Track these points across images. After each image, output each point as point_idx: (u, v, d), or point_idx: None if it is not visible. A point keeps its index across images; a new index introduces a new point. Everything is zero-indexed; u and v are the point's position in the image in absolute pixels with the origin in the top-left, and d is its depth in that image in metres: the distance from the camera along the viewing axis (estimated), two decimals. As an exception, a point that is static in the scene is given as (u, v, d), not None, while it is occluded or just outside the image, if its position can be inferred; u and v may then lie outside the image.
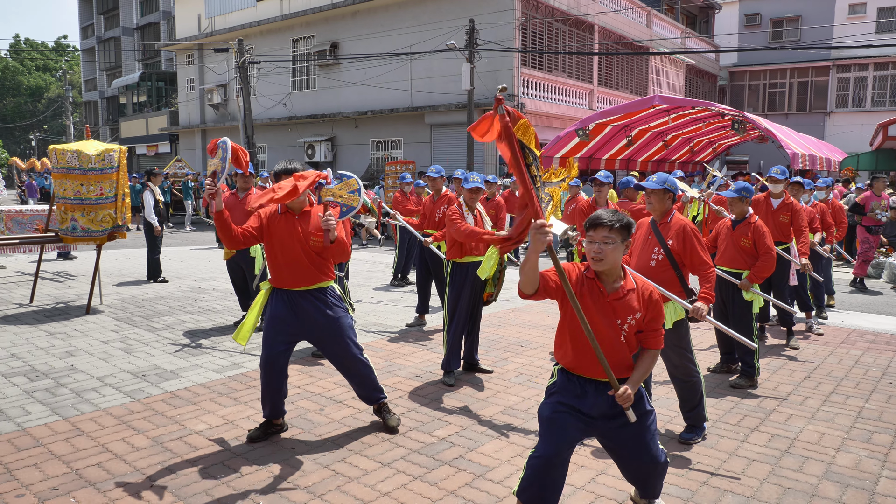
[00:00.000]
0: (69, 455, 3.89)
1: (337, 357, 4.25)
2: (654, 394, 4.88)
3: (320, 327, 4.15)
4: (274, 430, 4.28)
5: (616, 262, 2.90)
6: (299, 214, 4.16)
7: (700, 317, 4.10)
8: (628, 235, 2.92)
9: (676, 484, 3.67)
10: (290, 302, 4.13)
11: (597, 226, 2.88)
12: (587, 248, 2.93)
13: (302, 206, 4.17)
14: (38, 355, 5.94)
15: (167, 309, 8.04)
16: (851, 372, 5.84)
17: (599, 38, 22.50)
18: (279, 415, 4.27)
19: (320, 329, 4.16)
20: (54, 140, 56.41)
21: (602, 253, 2.86)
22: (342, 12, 22.36)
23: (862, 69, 28.40)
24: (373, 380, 4.35)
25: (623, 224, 2.89)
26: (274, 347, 4.14)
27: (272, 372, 4.14)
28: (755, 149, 26.65)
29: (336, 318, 4.18)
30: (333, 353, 4.24)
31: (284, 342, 4.17)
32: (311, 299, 4.12)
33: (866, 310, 8.76)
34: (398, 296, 9.24)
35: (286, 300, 4.14)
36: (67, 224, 7.64)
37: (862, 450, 4.16)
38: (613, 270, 2.92)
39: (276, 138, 25.44)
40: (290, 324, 4.14)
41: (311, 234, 4.12)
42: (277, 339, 4.14)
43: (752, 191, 5.57)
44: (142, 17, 40.52)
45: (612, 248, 2.86)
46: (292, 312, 4.13)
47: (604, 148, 18.96)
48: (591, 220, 2.92)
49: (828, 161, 18.15)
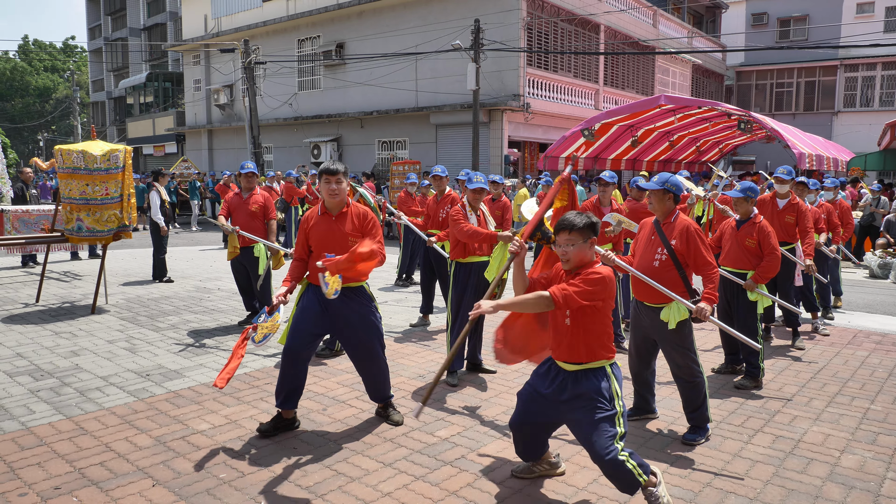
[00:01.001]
0: (72, 454, 3.91)
1: (359, 355, 4.36)
2: (658, 395, 4.86)
3: (350, 325, 4.24)
4: (284, 424, 4.30)
5: (583, 260, 3.21)
6: (336, 215, 4.24)
7: (703, 317, 4.08)
8: (592, 233, 3.20)
9: (679, 485, 3.65)
10: (322, 298, 4.16)
11: (560, 230, 3.21)
12: (556, 250, 3.27)
13: (340, 208, 4.26)
14: (43, 355, 5.96)
15: (172, 309, 8.06)
16: (857, 373, 5.81)
17: (605, 37, 22.44)
18: (292, 406, 4.29)
19: (349, 326, 4.24)
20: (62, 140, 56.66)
21: (567, 254, 3.20)
22: (348, 13, 22.39)
23: (870, 68, 28.24)
24: (387, 379, 4.48)
25: (584, 225, 3.17)
26: (299, 338, 4.19)
27: (293, 362, 4.20)
28: (762, 149, 26.54)
29: (366, 318, 4.28)
30: (356, 351, 4.35)
31: (311, 334, 4.23)
32: (342, 297, 4.14)
33: (873, 310, 8.71)
34: (402, 296, 9.24)
35: (319, 295, 4.19)
36: (73, 224, 7.67)
37: (867, 451, 4.13)
38: (580, 265, 3.23)
39: (282, 138, 25.49)
40: (320, 318, 4.22)
41: (347, 234, 4.21)
42: (305, 331, 4.20)
43: (758, 191, 5.54)
44: (149, 17, 40.64)
45: (576, 249, 3.18)
46: (323, 307, 4.20)
47: (609, 148, 18.91)
48: (557, 224, 3.22)
49: (835, 161, 18.04)
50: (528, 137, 20.69)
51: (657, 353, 4.56)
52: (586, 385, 3.20)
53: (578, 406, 3.19)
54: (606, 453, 3.07)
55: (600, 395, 3.18)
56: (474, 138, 18.27)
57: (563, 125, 20.61)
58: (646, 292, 4.31)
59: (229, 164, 27.25)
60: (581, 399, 3.19)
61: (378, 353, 4.36)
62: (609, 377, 3.26)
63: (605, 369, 3.26)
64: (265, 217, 7.05)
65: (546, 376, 3.36)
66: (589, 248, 3.18)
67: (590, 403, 3.17)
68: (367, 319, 4.29)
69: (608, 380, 3.24)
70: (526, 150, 21.30)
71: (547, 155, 17.39)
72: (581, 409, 3.18)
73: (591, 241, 3.19)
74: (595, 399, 3.17)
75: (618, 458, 3.07)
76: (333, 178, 4.14)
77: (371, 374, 4.42)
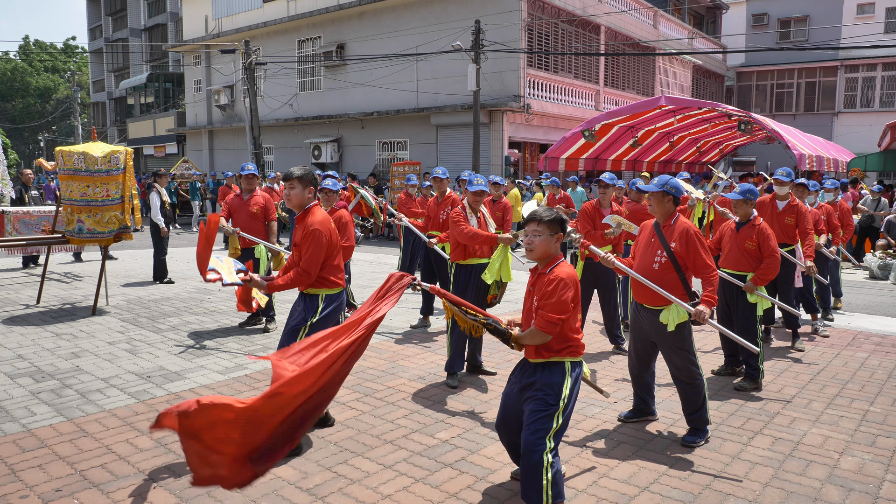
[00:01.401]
0: (73, 456, 3.92)
1: None
2: (658, 396, 4.87)
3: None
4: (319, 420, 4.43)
5: (546, 252, 3.32)
6: (297, 218, 4.27)
7: (702, 320, 4.09)
8: (559, 229, 3.31)
9: (679, 487, 3.66)
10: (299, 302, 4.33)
11: (529, 220, 3.33)
12: (523, 239, 3.40)
13: (300, 211, 4.26)
14: (43, 356, 5.97)
15: (173, 310, 8.08)
16: (857, 374, 5.81)
17: (606, 38, 22.45)
18: None
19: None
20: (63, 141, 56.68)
21: (532, 244, 3.32)
22: (348, 13, 22.41)
23: (870, 69, 28.24)
24: None
25: (551, 219, 3.29)
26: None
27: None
28: (762, 149, 26.56)
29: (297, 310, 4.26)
30: None
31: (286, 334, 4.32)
32: (303, 301, 4.28)
33: (873, 312, 8.72)
34: (402, 297, 9.25)
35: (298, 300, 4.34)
36: (74, 225, 7.69)
37: (866, 453, 4.14)
38: (544, 259, 3.34)
39: (283, 139, 25.51)
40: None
41: (297, 244, 4.22)
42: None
43: (757, 193, 5.55)
44: (149, 18, 40.67)
45: (541, 239, 3.29)
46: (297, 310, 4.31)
47: (610, 149, 18.92)
48: (528, 216, 3.35)
49: (835, 162, 18.05)
50: (529, 138, 20.70)
51: (656, 355, 4.57)
52: (541, 375, 3.28)
53: (529, 395, 3.28)
54: (539, 455, 3.10)
55: (551, 388, 3.23)
56: (475, 139, 18.28)
57: (563, 126, 20.63)
58: (645, 294, 4.32)
59: (230, 164, 27.27)
60: (532, 388, 3.28)
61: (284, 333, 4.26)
62: (566, 374, 3.28)
63: (565, 366, 3.30)
64: (266, 218, 7.06)
65: (517, 371, 3.46)
66: (554, 242, 3.31)
67: (537, 393, 3.24)
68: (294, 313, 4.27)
69: (563, 376, 3.27)
70: (526, 151, 21.31)
71: (547, 156, 17.41)
72: (530, 398, 3.26)
73: (557, 237, 3.31)
74: (543, 390, 3.24)
75: (541, 459, 3.10)
76: (287, 182, 4.17)
77: None
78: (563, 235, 3.35)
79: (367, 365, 5.87)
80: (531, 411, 3.22)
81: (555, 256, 3.34)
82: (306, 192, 4.19)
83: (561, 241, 3.36)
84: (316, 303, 4.23)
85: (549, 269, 3.31)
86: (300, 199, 4.19)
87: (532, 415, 3.20)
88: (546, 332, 3.20)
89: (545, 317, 3.19)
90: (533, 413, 3.20)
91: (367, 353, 6.24)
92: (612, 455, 4.07)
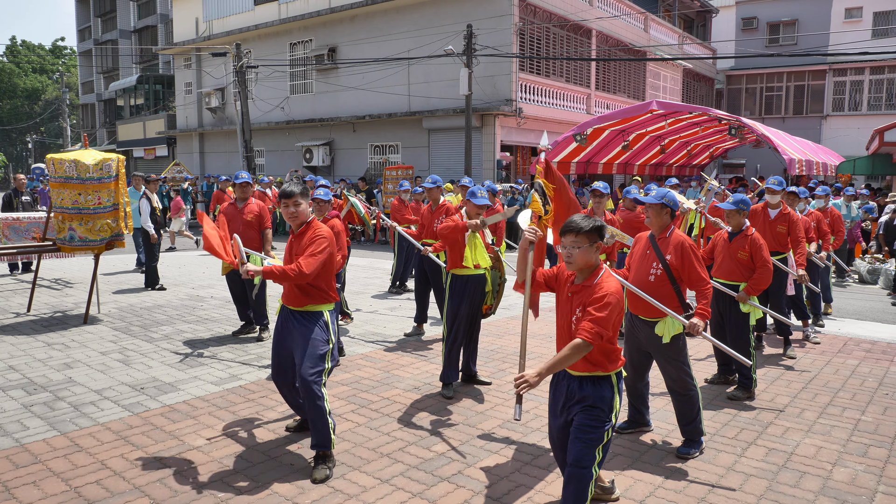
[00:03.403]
0: (68, 472, 3.89)
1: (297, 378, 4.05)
2: (652, 406, 4.90)
3: (296, 350, 4.04)
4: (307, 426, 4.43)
5: (587, 262, 3.20)
6: (296, 234, 4.15)
7: (696, 332, 4.13)
8: (598, 237, 3.19)
9: (675, 501, 3.68)
10: (286, 319, 4.15)
11: (566, 232, 3.20)
12: (561, 251, 3.25)
13: (300, 225, 4.14)
14: (35, 367, 5.93)
15: (165, 318, 8.04)
16: (848, 382, 5.87)
17: (597, 42, 22.54)
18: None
19: (296, 351, 4.04)
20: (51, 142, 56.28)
21: (571, 256, 3.19)
22: (340, 17, 22.39)
23: (858, 73, 28.50)
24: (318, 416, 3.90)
25: (590, 228, 3.17)
26: (274, 361, 4.24)
27: (280, 386, 4.30)
28: (752, 152, 26.73)
29: (306, 336, 3.99)
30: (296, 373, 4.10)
31: (286, 357, 4.17)
32: (299, 320, 4.07)
33: (863, 317, 8.79)
34: (396, 303, 9.25)
35: (285, 317, 4.17)
36: (65, 233, 7.64)
37: (858, 464, 4.18)
38: (586, 269, 3.22)
39: (274, 142, 25.44)
40: (286, 340, 4.15)
41: (298, 253, 4.07)
42: (277, 354, 4.22)
43: (749, 203, 5.59)
44: (139, 20, 40.46)
45: (581, 251, 3.17)
46: (287, 329, 4.13)
47: (601, 152, 18.99)
48: (563, 227, 3.22)
49: (824, 165, 18.20)
50: (521, 142, 20.75)
51: (651, 366, 4.60)
52: (591, 390, 3.19)
53: (578, 410, 3.20)
54: (588, 470, 3.09)
55: (603, 402, 3.17)
56: (467, 143, 18.30)
57: (555, 130, 20.69)
58: (641, 306, 4.35)
59: (221, 167, 27.17)
60: (583, 402, 3.19)
61: (304, 374, 3.88)
62: (614, 388, 3.23)
63: (611, 379, 3.24)
64: (260, 226, 7.05)
65: (557, 394, 3.34)
66: (594, 251, 3.18)
67: (589, 407, 3.17)
68: (306, 337, 3.98)
69: (612, 391, 3.22)
70: (518, 155, 21.36)
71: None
72: (580, 413, 3.18)
73: (597, 246, 3.19)
74: (596, 406, 3.17)
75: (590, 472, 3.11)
76: (290, 200, 4.04)
77: (305, 402, 3.95)
78: (602, 243, 3.23)
79: (362, 375, 5.87)
80: (581, 424, 3.15)
81: (596, 267, 3.22)
82: (308, 206, 4.15)
83: (601, 249, 3.24)
84: (324, 319, 4.08)
85: (594, 280, 3.18)
86: (305, 216, 4.10)
87: (584, 429, 3.14)
88: (591, 342, 3.05)
89: (592, 329, 3.04)
90: (583, 426, 3.14)
91: (361, 363, 6.24)
92: (608, 467, 4.09)
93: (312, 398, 3.88)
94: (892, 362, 6.55)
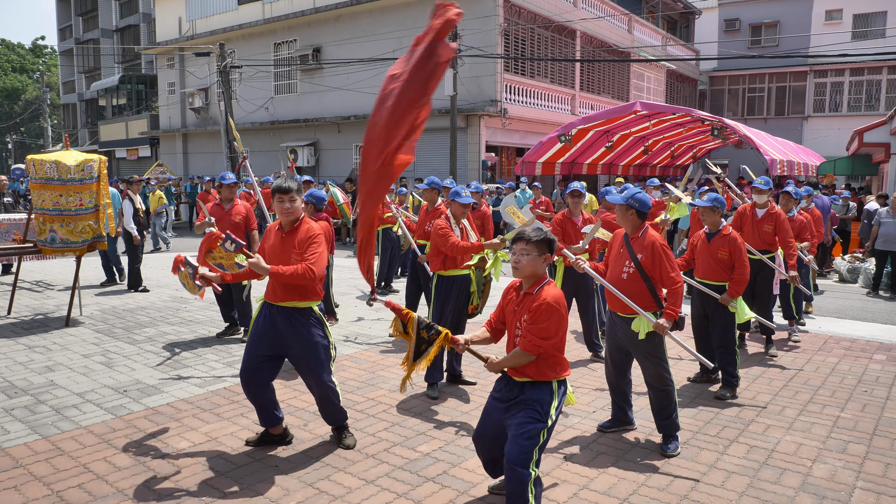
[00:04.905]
0: (50, 476, 3.86)
1: (306, 380, 4.25)
2: (635, 405, 4.93)
3: (294, 348, 4.12)
4: (272, 439, 4.32)
5: (533, 271, 3.32)
6: (287, 231, 4.15)
7: (662, 332, 4.22)
8: (546, 249, 3.33)
9: (658, 498, 3.72)
10: (270, 316, 4.13)
11: (517, 240, 3.36)
12: (510, 258, 3.43)
13: (292, 224, 4.15)
14: (16, 370, 5.87)
15: (148, 320, 7.98)
16: (828, 380, 5.95)
17: (581, 43, 22.66)
18: (272, 424, 4.27)
19: (294, 349, 4.12)
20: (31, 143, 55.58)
21: (520, 262, 3.32)
22: (325, 17, 22.31)
23: (839, 74, 28.87)
24: (337, 404, 4.28)
25: (539, 239, 3.31)
26: (250, 361, 4.12)
27: (247, 386, 4.14)
28: (735, 153, 26.98)
29: (309, 341, 4.10)
30: (303, 375, 4.24)
31: (263, 356, 4.13)
32: (287, 317, 4.09)
33: (842, 315, 8.92)
34: (381, 304, 9.23)
35: (268, 313, 4.14)
36: (46, 235, 7.55)
37: (837, 461, 4.25)
38: (532, 277, 3.34)
39: (259, 143, 25.31)
40: (269, 338, 4.13)
41: (291, 250, 4.07)
42: (251, 354, 4.13)
43: (724, 202, 5.64)
44: (121, 19, 40.05)
45: (529, 259, 3.30)
46: (272, 327, 4.12)
47: (586, 153, 19.09)
48: (516, 235, 3.38)
49: (805, 166, 18.43)
50: (506, 143, 20.80)
51: (632, 363, 4.65)
52: (529, 391, 3.29)
53: (516, 409, 3.29)
54: (525, 468, 3.15)
55: (539, 404, 3.26)
56: (452, 144, 18.32)
57: (540, 130, 20.77)
58: (618, 303, 4.42)
59: (205, 168, 26.98)
60: (519, 403, 3.29)
61: (323, 379, 4.15)
62: (553, 393, 3.31)
63: (552, 385, 3.32)
64: (247, 228, 7.02)
65: (501, 386, 3.45)
66: (542, 262, 3.32)
67: (525, 408, 3.26)
68: (311, 343, 4.11)
69: (551, 395, 3.30)
70: (503, 155, 21.42)
71: (524, 160, 17.52)
72: (517, 412, 3.27)
73: (545, 257, 3.33)
74: (532, 405, 3.26)
75: (528, 473, 3.15)
76: (286, 196, 4.07)
77: (320, 399, 4.26)
78: (551, 256, 3.35)
79: (347, 376, 5.86)
80: (518, 424, 3.22)
81: (541, 276, 3.34)
82: (302, 203, 4.17)
83: (549, 261, 3.36)
84: (316, 315, 4.18)
85: (535, 289, 3.31)
86: (300, 212, 4.14)
87: (519, 427, 3.20)
88: (531, 353, 3.23)
89: (532, 341, 3.22)
90: (520, 426, 3.20)
91: (346, 364, 6.23)
92: (592, 465, 4.13)
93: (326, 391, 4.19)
94: (870, 360, 6.65)
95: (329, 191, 7.77)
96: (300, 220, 4.16)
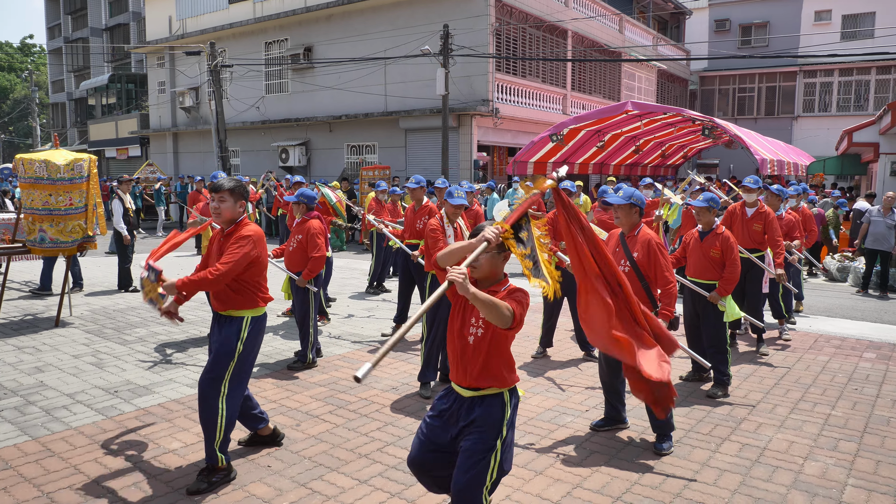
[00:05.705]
0: (40, 478, 3.83)
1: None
2: (628, 404, 4.95)
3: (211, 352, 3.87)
4: (262, 440, 4.29)
5: (493, 271, 2.93)
6: (224, 235, 3.91)
7: None
8: (504, 248, 2.92)
9: (651, 497, 3.73)
10: (212, 323, 3.99)
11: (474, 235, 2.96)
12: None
13: (228, 226, 3.90)
14: (5, 371, 5.81)
15: (139, 320, 7.93)
16: (819, 378, 5.98)
17: (573, 43, 22.71)
18: (257, 426, 4.24)
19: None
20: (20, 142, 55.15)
21: (478, 261, 2.87)
22: (316, 16, 22.26)
23: (828, 75, 29.06)
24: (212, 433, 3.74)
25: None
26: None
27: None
28: (725, 152, 27.13)
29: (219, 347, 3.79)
30: None
31: None
32: (221, 324, 3.89)
33: (832, 314, 8.97)
34: (373, 304, 9.22)
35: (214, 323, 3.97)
36: (35, 235, 7.49)
37: (829, 458, 4.27)
38: (491, 279, 2.94)
39: (250, 142, 25.22)
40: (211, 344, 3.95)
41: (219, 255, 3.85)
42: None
43: (719, 201, 5.68)
44: (111, 17, 39.80)
45: (488, 257, 2.88)
46: (212, 335, 3.95)
47: (577, 152, 19.11)
48: (473, 230, 2.98)
49: (795, 165, 18.52)
50: (498, 142, 20.82)
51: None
52: (479, 412, 2.92)
53: (465, 433, 2.93)
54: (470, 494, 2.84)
55: (491, 426, 2.91)
56: (444, 143, 18.32)
57: (531, 130, 20.79)
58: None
59: (195, 167, 26.86)
60: (470, 425, 2.92)
61: (206, 391, 3.72)
62: (505, 406, 2.95)
63: (504, 397, 2.96)
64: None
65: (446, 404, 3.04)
66: (501, 261, 2.97)
67: (475, 432, 2.90)
68: (219, 348, 3.78)
69: (503, 409, 2.94)
70: (495, 155, 21.43)
71: (516, 160, 17.52)
72: (466, 436, 2.92)
73: (504, 256, 2.97)
74: (482, 428, 2.90)
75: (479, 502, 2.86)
76: (217, 195, 3.82)
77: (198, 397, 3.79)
78: (508, 255, 2.99)
79: (339, 376, 5.85)
80: (467, 450, 2.87)
81: (501, 280, 2.97)
82: (237, 205, 3.85)
83: (507, 259, 3.02)
84: (240, 327, 3.82)
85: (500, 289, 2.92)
86: (231, 213, 3.84)
87: (468, 454, 2.86)
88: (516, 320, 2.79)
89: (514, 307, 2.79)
90: (469, 452, 2.86)
91: (338, 364, 6.22)
92: (585, 464, 4.13)
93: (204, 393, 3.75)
94: (860, 358, 6.70)
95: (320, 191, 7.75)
96: (237, 224, 3.88)
